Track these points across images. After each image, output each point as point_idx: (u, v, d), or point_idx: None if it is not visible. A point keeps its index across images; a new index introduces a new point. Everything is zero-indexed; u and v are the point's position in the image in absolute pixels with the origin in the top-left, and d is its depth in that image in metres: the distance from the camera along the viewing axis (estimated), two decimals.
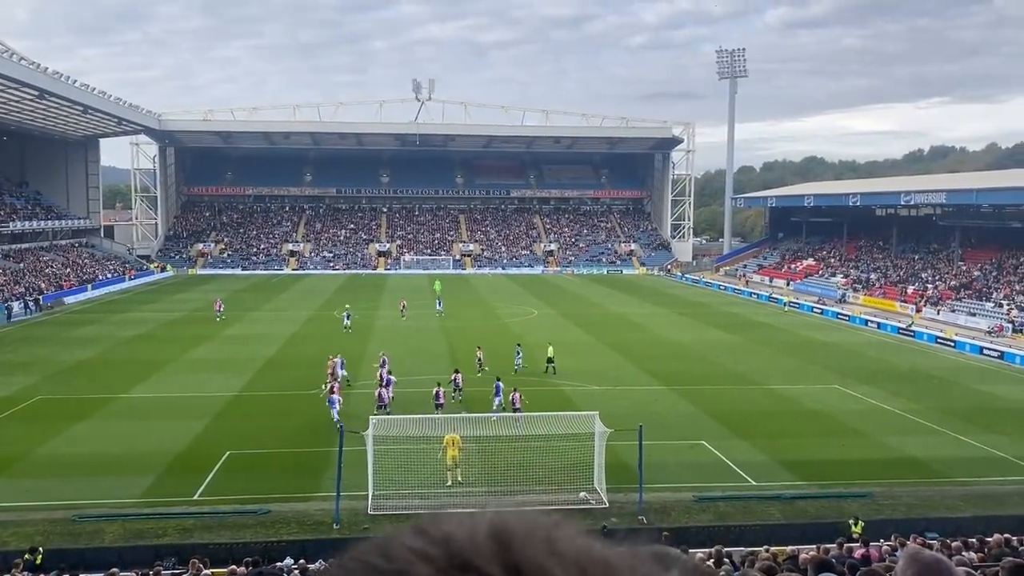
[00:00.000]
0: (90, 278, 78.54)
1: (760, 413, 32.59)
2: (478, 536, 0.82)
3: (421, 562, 0.80)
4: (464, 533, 0.83)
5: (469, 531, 0.83)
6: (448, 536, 0.83)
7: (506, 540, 0.81)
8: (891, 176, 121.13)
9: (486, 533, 0.83)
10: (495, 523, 0.85)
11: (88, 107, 76.82)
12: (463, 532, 0.83)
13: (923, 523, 21.36)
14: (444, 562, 0.79)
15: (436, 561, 0.79)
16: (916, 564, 2.66)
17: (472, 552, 0.80)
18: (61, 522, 21.44)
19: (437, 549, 0.81)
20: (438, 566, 0.79)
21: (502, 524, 0.85)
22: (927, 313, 62.67)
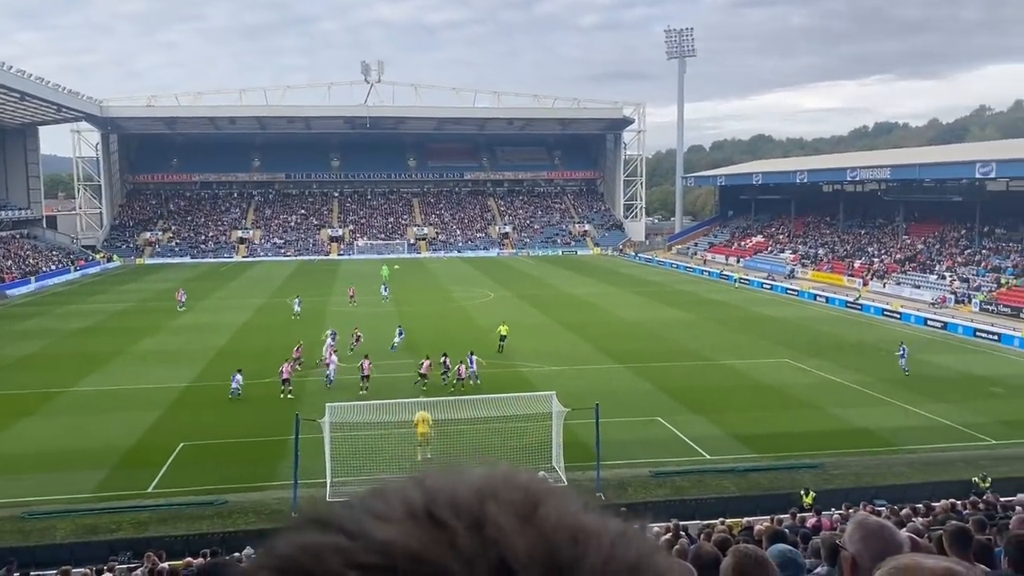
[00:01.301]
0: (33, 270, 76.45)
1: (713, 388, 33.12)
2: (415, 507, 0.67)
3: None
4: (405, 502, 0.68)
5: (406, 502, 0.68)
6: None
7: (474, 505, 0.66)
8: (837, 153, 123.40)
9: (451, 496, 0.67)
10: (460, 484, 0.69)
11: (25, 94, 74.51)
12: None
13: (872, 491, 21.97)
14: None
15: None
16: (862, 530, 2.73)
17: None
18: (9, 520, 20.99)
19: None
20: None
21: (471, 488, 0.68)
22: (873, 286, 64.12)
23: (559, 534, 0.63)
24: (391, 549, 0.61)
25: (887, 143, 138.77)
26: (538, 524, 0.63)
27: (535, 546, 0.61)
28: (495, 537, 0.61)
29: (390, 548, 0.61)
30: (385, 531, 0.62)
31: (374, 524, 0.63)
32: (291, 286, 68.47)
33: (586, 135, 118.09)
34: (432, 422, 24.18)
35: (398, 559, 0.60)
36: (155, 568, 16.12)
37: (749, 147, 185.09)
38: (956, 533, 5.11)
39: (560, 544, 0.62)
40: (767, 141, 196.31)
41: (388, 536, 0.62)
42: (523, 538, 0.61)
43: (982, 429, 27.78)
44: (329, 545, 0.62)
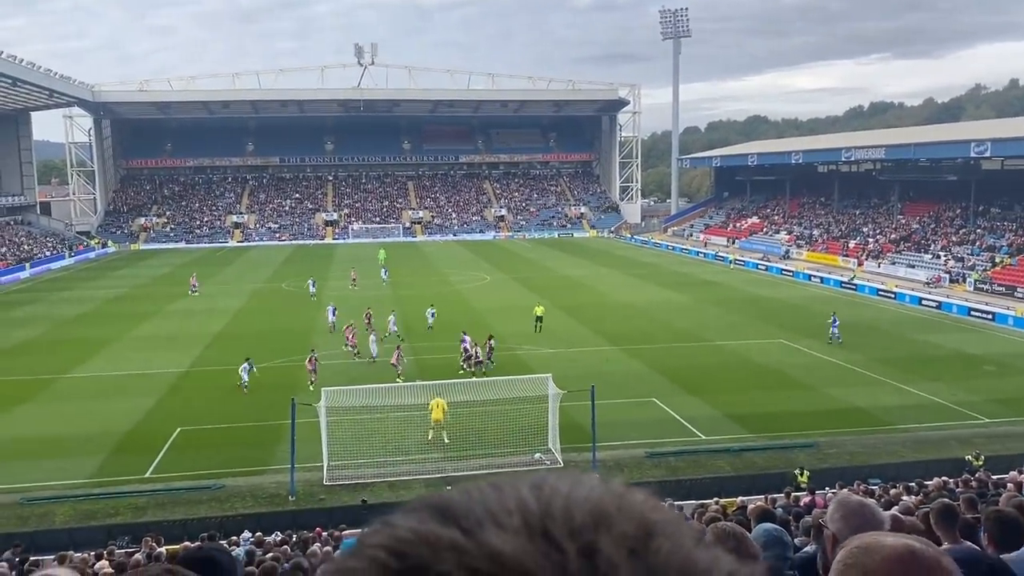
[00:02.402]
0: (27, 257, 76.27)
1: (708, 369, 33.25)
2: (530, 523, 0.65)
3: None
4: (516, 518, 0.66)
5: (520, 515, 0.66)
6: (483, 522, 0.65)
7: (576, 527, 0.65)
8: (832, 133, 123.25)
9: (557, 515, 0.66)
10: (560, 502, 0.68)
11: (16, 79, 73.99)
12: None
13: (866, 470, 22.11)
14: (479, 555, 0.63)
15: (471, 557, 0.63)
16: (843, 508, 2.78)
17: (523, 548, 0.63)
18: (8, 506, 21.08)
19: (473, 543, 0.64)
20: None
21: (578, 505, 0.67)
22: (868, 266, 64.24)
23: (669, 571, 0.62)
24: (504, 560, 0.61)
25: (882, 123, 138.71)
26: (649, 560, 0.62)
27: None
28: (605, 571, 0.61)
29: (503, 559, 0.61)
30: (501, 539, 0.63)
31: (491, 529, 0.64)
32: (287, 270, 68.49)
33: (581, 117, 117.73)
34: (447, 408, 24.23)
35: (509, 572, 0.60)
36: (153, 552, 16.22)
37: (744, 128, 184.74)
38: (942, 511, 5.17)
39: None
40: (762, 122, 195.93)
41: (503, 546, 0.62)
42: (634, 573, 0.61)
43: (975, 407, 27.95)
44: (446, 540, 0.63)
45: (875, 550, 1.48)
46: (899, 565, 1.45)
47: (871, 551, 1.48)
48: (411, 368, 32.68)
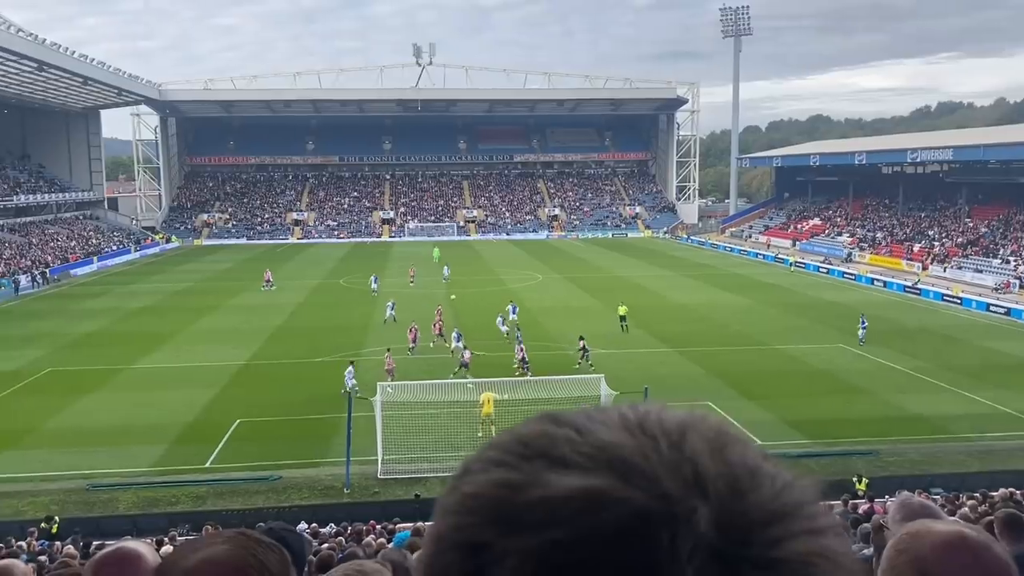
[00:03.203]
0: (95, 250, 78.77)
1: (766, 373, 32.72)
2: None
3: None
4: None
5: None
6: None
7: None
8: (898, 133, 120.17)
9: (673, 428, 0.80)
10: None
11: (87, 78, 76.47)
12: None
13: (928, 479, 21.52)
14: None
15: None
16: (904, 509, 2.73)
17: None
18: (76, 491, 21.77)
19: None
20: None
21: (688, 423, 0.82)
22: (933, 271, 62.54)
23: (742, 467, 0.77)
24: (607, 446, 0.76)
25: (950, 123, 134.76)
26: (726, 456, 0.77)
27: (722, 470, 0.75)
28: (692, 456, 0.76)
29: (608, 445, 0.76)
30: (606, 433, 0.78)
31: (598, 426, 0.79)
32: (345, 267, 69.49)
33: (638, 116, 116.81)
34: (496, 402, 24.34)
35: (613, 455, 0.75)
36: None
37: (806, 128, 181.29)
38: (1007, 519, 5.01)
39: (742, 475, 0.76)
40: (825, 121, 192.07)
41: (608, 437, 0.77)
42: (713, 462, 0.76)
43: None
44: (562, 435, 0.78)
45: (925, 536, 1.46)
46: (949, 550, 1.43)
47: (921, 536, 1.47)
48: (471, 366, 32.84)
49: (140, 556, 2.18)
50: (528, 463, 0.76)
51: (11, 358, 36.40)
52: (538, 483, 0.74)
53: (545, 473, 0.75)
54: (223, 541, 1.46)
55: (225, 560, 1.42)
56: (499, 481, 0.76)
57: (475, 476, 0.78)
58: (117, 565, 2.17)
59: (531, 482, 0.74)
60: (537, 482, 0.74)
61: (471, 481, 0.78)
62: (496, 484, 0.76)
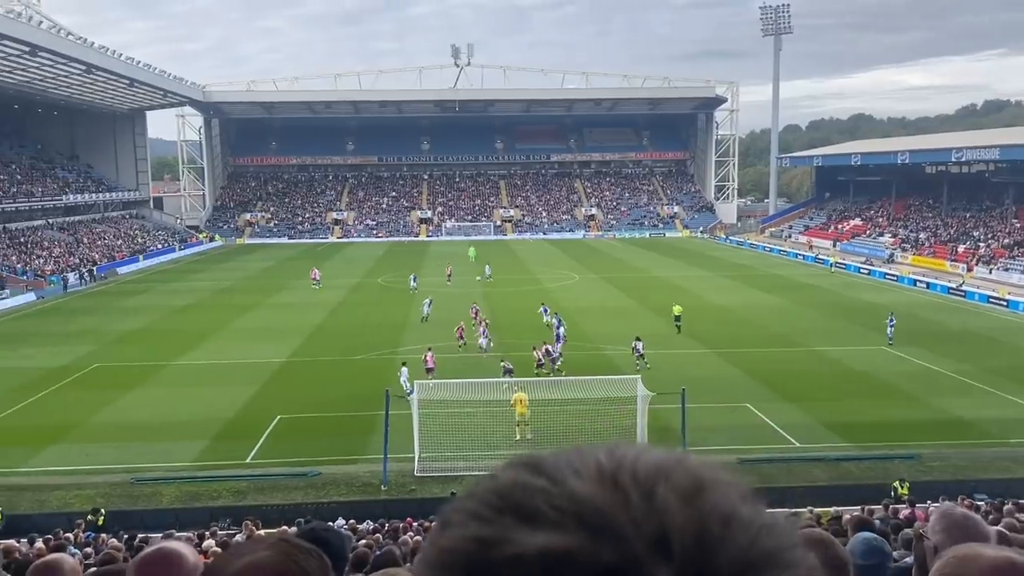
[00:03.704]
0: (141, 249, 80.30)
1: (805, 375, 32.34)
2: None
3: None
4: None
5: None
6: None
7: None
8: (942, 132, 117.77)
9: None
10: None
11: (134, 80, 77.97)
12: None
13: (971, 485, 21.11)
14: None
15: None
16: (946, 520, 2.71)
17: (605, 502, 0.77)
18: (120, 485, 22.25)
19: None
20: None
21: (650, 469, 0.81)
22: (979, 272, 61.24)
23: (713, 517, 0.75)
24: (580, 499, 0.76)
25: (997, 122, 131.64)
26: (698, 506, 0.76)
27: (690, 523, 0.74)
28: (660, 509, 0.75)
29: (579, 498, 0.76)
30: (579, 485, 0.78)
31: (572, 478, 0.79)
32: (383, 266, 70.03)
33: (676, 115, 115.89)
34: (529, 402, 24.40)
35: (585, 508, 0.75)
36: (252, 536, 16.89)
37: (848, 127, 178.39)
38: None
39: (712, 525, 0.75)
40: (867, 120, 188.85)
41: (581, 489, 0.77)
42: (682, 515, 0.74)
43: None
44: (536, 486, 0.78)
45: (973, 561, 1.45)
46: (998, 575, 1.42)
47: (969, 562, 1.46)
48: None
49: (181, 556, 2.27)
50: (501, 517, 0.77)
51: (60, 354, 37.30)
52: (509, 540, 0.74)
53: (516, 529, 0.75)
54: (266, 547, 1.53)
55: (268, 565, 1.49)
56: (472, 536, 0.77)
57: (452, 530, 0.79)
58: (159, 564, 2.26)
59: (502, 539, 0.75)
60: (508, 539, 0.75)
61: (448, 535, 0.79)
62: (469, 540, 0.77)
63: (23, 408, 29.00)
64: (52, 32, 63.86)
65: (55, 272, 62.57)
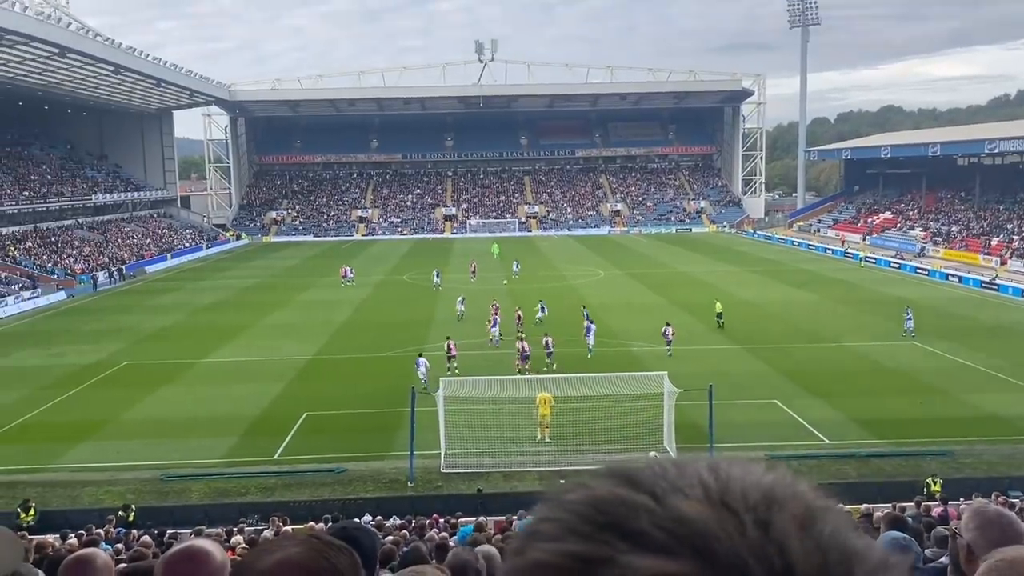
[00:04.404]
0: (169, 247, 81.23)
1: (835, 371, 31.97)
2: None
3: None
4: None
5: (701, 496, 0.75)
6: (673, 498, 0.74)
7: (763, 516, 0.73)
8: (974, 124, 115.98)
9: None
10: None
11: (161, 80, 78.85)
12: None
13: (1006, 482, 20.77)
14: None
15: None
16: (979, 518, 2.63)
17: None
18: (150, 481, 22.50)
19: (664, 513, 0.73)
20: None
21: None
22: (1013, 265, 60.26)
23: (833, 551, 0.71)
24: (690, 522, 0.70)
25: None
26: (816, 537, 0.71)
27: (812, 555, 0.69)
28: (780, 539, 0.69)
29: (689, 521, 0.70)
30: (686, 505, 0.71)
31: (677, 496, 0.73)
32: (408, 263, 70.28)
33: (702, 108, 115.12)
34: (554, 403, 24.34)
35: (696, 534, 0.69)
36: (280, 532, 16.99)
37: (877, 119, 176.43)
38: None
39: (833, 560, 0.70)
40: (897, 112, 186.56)
41: (689, 511, 0.71)
42: (802, 546, 0.69)
43: None
44: (640, 504, 0.72)
45: (1021, 563, 1.40)
46: None
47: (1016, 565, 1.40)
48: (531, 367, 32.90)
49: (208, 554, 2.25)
50: (603, 534, 0.71)
51: (90, 351, 37.82)
52: (616, 562, 0.69)
53: (623, 551, 0.69)
54: (296, 544, 1.51)
55: (298, 562, 1.47)
56: (574, 553, 0.71)
57: (546, 543, 0.72)
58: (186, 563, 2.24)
59: (608, 559, 0.69)
60: (615, 561, 0.69)
61: (542, 548, 0.72)
62: (570, 556, 0.71)
63: (55, 406, 29.42)
64: (80, 33, 64.70)
65: (85, 271, 63.47)
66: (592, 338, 34.72)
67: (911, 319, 38.11)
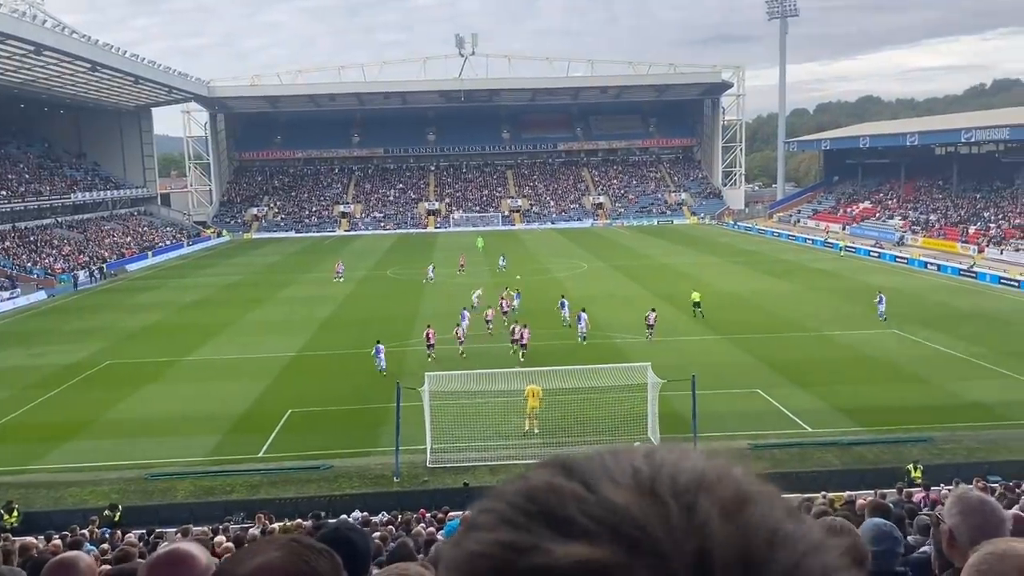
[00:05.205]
0: (150, 245, 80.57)
1: (817, 360, 32.24)
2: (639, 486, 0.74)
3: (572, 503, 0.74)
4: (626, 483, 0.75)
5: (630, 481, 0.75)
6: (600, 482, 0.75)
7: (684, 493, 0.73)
8: (951, 113, 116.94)
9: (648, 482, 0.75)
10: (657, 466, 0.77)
11: (139, 77, 78.11)
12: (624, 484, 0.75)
13: (985, 467, 21.04)
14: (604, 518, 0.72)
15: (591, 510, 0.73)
16: (961, 504, 2.69)
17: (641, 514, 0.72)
18: (135, 480, 22.38)
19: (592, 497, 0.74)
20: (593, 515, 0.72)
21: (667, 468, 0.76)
22: (990, 253, 60.88)
23: (757, 535, 0.71)
24: (616, 509, 0.71)
25: (1006, 101, 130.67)
26: (740, 522, 0.71)
27: (733, 541, 0.69)
28: (701, 524, 0.70)
29: (615, 508, 0.71)
30: (616, 493, 0.73)
31: (608, 484, 0.74)
32: (392, 259, 70.08)
33: (682, 101, 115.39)
34: (543, 396, 24.38)
35: (621, 520, 0.70)
36: (266, 529, 16.95)
37: (856, 109, 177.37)
38: None
39: (756, 544, 0.70)
40: (875, 102, 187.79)
41: (617, 499, 0.72)
42: (724, 531, 0.70)
43: None
44: (570, 491, 0.74)
45: (1010, 558, 1.43)
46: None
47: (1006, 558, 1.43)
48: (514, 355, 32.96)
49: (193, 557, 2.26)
50: (532, 522, 0.73)
51: (72, 351, 37.49)
52: (539, 548, 0.71)
53: (548, 537, 0.71)
54: (277, 548, 1.52)
55: (279, 567, 1.48)
56: (501, 542, 0.73)
57: (481, 534, 0.74)
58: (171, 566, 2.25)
59: (532, 547, 0.71)
60: (538, 547, 0.71)
61: (476, 539, 0.74)
62: (497, 545, 0.73)
63: (37, 406, 29.18)
64: (57, 31, 63.95)
65: (65, 270, 62.86)
66: (584, 326, 35.67)
67: (883, 303, 39.24)
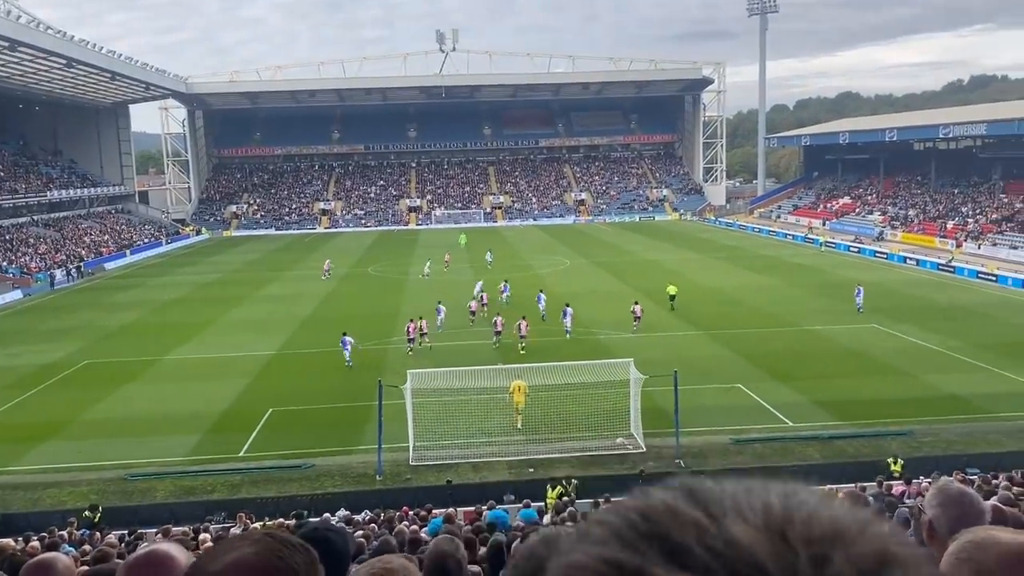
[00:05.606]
0: (128, 243, 79.81)
1: (797, 354, 32.45)
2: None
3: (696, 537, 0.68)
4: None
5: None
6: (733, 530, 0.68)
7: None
8: (930, 109, 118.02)
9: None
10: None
11: (115, 73, 77.29)
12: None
13: (964, 459, 21.26)
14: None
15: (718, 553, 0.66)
16: (942, 495, 2.69)
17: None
18: (114, 481, 22.16)
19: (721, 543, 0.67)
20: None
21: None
22: (968, 248, 61.53)
23: None
24: (738, 547, 0.65)
25: (984, 97, 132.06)
26: None
27: None
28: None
29: (738, 546, 0.65)
30: (741, 530, 0.67)
31: (734, 519, 0.68)
32: (373, 256, 69.84)
33: (663, 97, 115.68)
34: (528, 391, 24.36)
35: (741, 559, 0.64)
36: (247, 529, 16.84)
37: (835, 105, 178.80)
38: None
39: None
40: (854, 98, 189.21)
41: (741, 535, 0.66)
42: None
43: None
44: (691, 518, 0.68)
45: (990, 546, 1.42)
46: (1015, 562, 1.39)
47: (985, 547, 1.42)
48: (497, 351, 32.94)
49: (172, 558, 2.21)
50: (645, 544, 0.67)
51: (49, 351, 37.07)
52: (647, 574, 0.65)
53: (656, 563, 0.65)
54: (250, 544, 1.48)
55: (253, 563, 1.44)
56: (609, 559, 0.67)
57: (589, 545, 0.69)
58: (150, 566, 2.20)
59: (640, 570, 0.65)
60: (645, 572, 0.65)
61: (585, 550, 0.69)
62: (605, 561, 0.67)
63: (13, 407, 28.83)
64: (31, 26, 63.16)
65: (42, 269, 62.16)
66: (569, 320, 35.88)
67: (861, 295, 40.13)
